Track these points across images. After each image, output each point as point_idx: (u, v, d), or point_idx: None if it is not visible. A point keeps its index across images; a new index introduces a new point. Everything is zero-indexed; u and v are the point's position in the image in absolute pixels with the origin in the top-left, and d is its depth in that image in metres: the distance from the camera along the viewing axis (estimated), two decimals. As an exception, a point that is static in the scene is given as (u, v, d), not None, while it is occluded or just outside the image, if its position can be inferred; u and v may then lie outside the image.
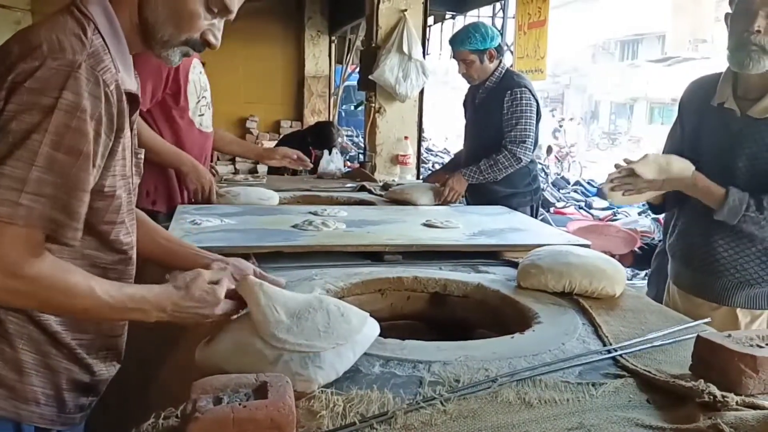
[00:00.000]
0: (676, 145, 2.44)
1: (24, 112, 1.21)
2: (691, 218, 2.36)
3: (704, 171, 2.23)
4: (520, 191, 3.91)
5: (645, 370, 1.45)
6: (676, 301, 2.46)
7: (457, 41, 3.87)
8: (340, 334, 1.44)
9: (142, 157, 1.63)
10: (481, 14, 10.29)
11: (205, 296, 1.41)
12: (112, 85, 1.32)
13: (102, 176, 1.37)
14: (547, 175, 11.30)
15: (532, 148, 3.77)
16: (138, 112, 1.52)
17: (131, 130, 1.48)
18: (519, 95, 3.71)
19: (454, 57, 4.00)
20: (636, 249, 4.17)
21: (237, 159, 9.29)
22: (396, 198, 3.69)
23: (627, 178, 2.20)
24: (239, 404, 1.11)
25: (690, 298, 2.34)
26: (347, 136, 16.63)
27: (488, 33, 3.79)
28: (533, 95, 3.78)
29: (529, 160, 3.78)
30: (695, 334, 1.52)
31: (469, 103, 4.14)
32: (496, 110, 3.77)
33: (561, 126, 22.07)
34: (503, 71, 3.88)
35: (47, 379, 1.44)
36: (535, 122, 3.78)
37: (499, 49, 3.88)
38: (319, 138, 6.37)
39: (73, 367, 1.50)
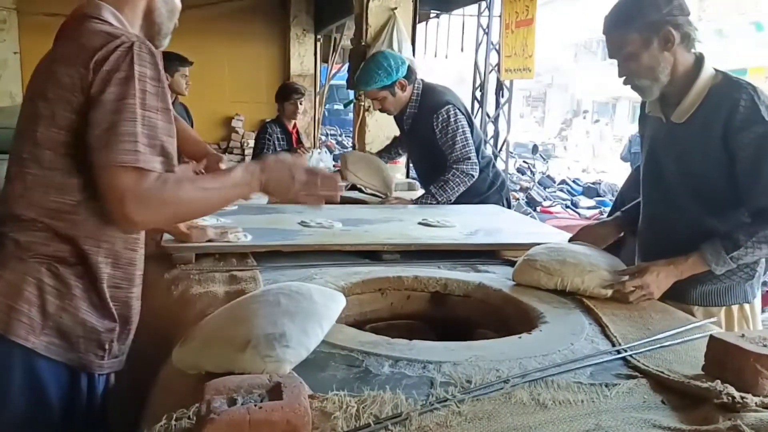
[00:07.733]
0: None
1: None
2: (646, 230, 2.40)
3: (643, 176, 2.32)
4: (487, 194, 3.83)
5: (658, 371, 1.44)
6: None
7: (362, 82, 3.74)
8: (305, 313, 1.52)
9: None
10: (466, 12, 10.29)
11: (289, 158, 1.73)
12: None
13: None
14: (534, 174, 11.29)
15: (477, 159, 3.68)
16: None
17: None
18: (445, 115, 3.60)
19: (365, 96, 3.87)
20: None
21: (225, 157, 9.18)
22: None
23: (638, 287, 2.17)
24: (255, 405, 1.09)
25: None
26: (331, 134, 16.62)
27: (392, 66, 3.61)
28: (459, 108, 3.68)
29: (479, 172, 3.69)
30: (704, 334, 1.52)
31: (400, 130, 4.06)
32: (428, 134, 3.65)
33: None
34: (420, 92, 3.74)
35: (95, 338, 1.64)
36: (470, 134, 3.68)
37: (409, 75, 3.69)
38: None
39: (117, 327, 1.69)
